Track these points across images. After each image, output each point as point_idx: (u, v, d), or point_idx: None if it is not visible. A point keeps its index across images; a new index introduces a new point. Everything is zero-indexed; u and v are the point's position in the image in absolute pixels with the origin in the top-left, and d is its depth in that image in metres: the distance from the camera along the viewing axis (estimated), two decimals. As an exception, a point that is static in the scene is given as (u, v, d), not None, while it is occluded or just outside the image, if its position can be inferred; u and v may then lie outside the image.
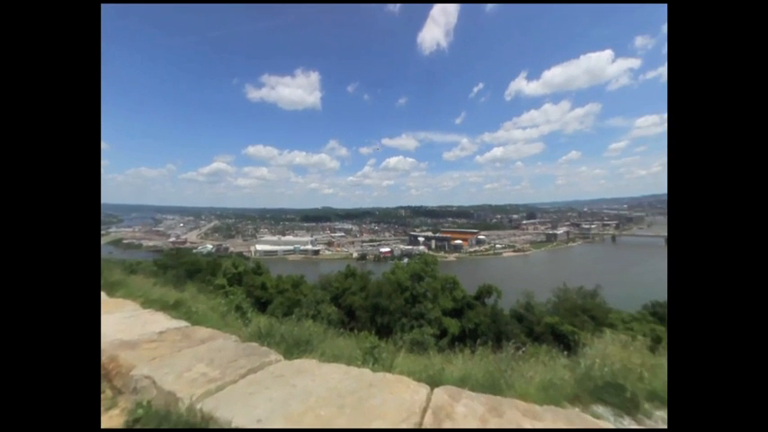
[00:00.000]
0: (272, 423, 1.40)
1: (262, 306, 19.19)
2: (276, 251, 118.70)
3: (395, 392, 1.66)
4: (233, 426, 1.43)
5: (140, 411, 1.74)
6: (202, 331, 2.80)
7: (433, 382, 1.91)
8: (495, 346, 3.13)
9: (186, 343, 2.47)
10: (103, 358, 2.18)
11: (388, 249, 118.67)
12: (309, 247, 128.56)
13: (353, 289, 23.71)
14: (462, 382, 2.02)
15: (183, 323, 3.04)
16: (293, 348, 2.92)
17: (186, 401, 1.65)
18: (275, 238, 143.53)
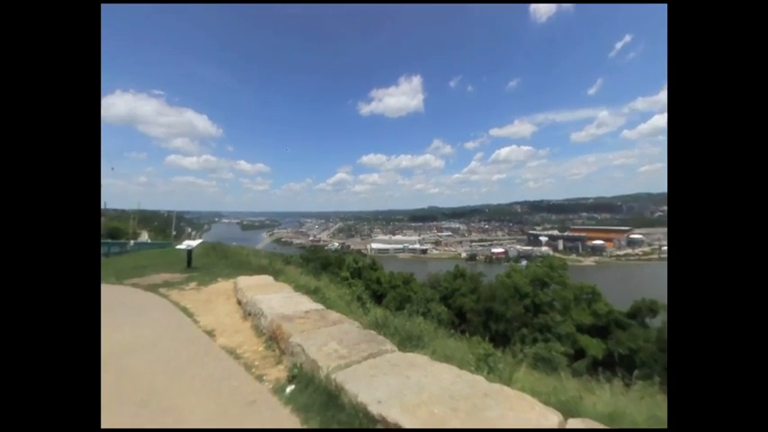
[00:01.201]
0: (390, 408, 1.52)
1: (377, 299, 21.26)
2: (388, 249, 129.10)
3: (515, 410, 1.48)
4: (359, 400, 1.64)
5: (295, 371, 2.26)
6: (333, 315, 3.36)
7: (567, 410, 1.59)
8: (664, 384, 2.30)
9: (323, 323, 3.02)
10: (273, 326, 2.96)
11: (501, 250, 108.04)
12: (417, 246, 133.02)
13: (463, 290, 22.86)
14: (611, 420, 1.59)
15: (320, 306, 3.74)
16: (406, 342, 3.09)
17: (324, 370, 2.02)
18: (387, 237, 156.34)
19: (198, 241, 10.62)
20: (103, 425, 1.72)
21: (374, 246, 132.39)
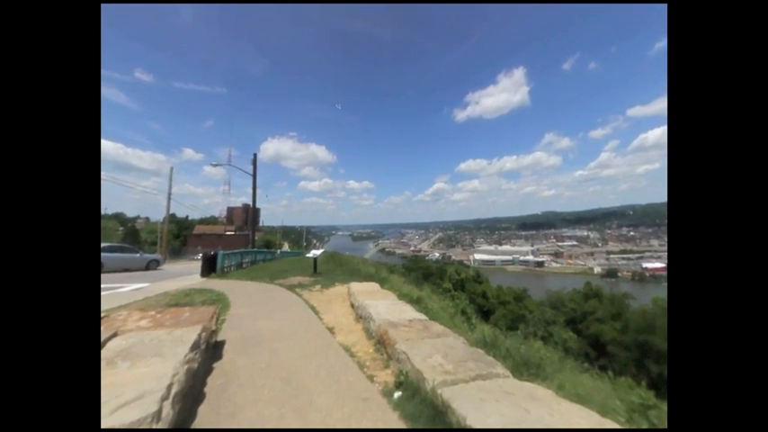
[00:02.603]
0: (506, 441, 1.33)
1: (484, 314, 19.54)
2: (494, 261, 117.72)
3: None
4: (468, 424, 1.52)
5: (402, 377, 2.32)
6: (437, 327, 3.29)
7: None
8: None
9: (426, 333, 3.01)
10: (380, 331, 3.16)
11: (659, 265, 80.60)
12: (531, 257, 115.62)
13: (600, 314, 18.18)
14: None
15: (423, 316, 3.75)
16: (521, 368, 2.68)
17: (430, 383, 1.99)
18: (492, 247, 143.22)
19: (321, 251, 12.72)
20: (261, 393, 2.24)
21: (478, 257, 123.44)
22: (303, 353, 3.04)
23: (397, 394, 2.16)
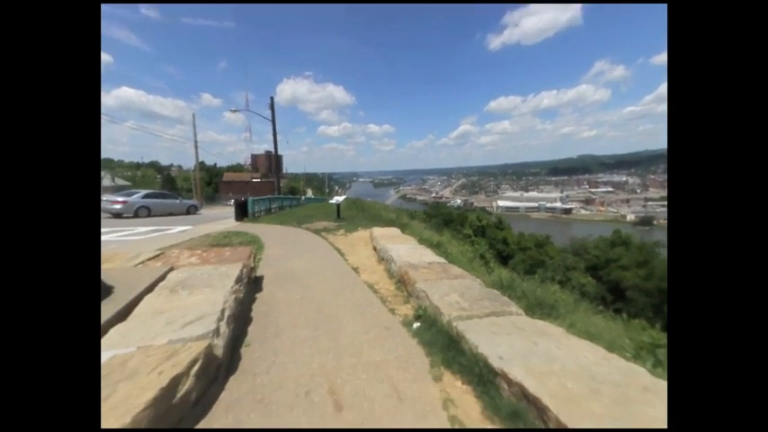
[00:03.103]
0: (512, 366, 1.50)
1: (503, 259, 19.98)
2: (518, 208, 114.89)
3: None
4: (479, 350, 1.70)
5: (420, 311, 2.56)
6: (455, 269, 3.45)
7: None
8: None
9: (444, 275, 3.18)
10: (401, 271, 3.38)
11: (703, 213, 74.42)
12: (558, 204, 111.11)
13: (624, 262, 17.92)
14: None
15: (442, 259, 3.92)
16: (535, 308, 2.83)
17: (446, 317, 2.18)
18: (517, 194, 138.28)
19: (343, 197, 13.05)
20: (298, 319, 2.60)
21: (501, 203, 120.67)
22: (331, 288, 3.39)
23: (415, 325, 2.41)
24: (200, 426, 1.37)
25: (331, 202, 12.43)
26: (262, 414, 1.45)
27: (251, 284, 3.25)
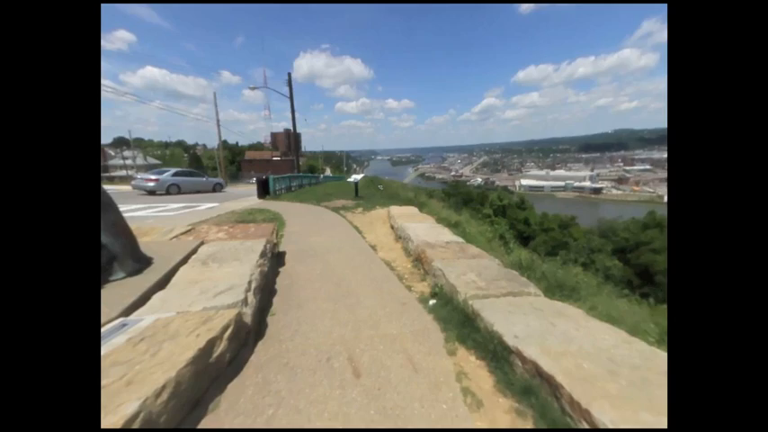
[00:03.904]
0: (528, 345, 1.51)
1: (523, 240, 19.50)
2: (542, 187, 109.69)
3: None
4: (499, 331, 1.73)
5: (437, 289, 2.60)
6: (473, 249, 3.43)
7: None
8: None
9: (462, 254, 3.17)
10: (418, 250, 3.41)
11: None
12: (587, 183, 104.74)
13: (656, 245, 16.93)
14: None
15: (460, 239, 3.89)
16: (554, 289, 2.78)
17: (462, 296, 2.20)
18: (542, 172, 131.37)
19: (361, 175, 13.04)
20: (318, 293, 2.73)
21: (524, 182, 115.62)
22: (350, 264, 3.50)
23: (431, 302, 2.47)
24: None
25: (349, 180, 12.49)
26: (287, 376, 1.58)
27: (274, 259, 3.42)
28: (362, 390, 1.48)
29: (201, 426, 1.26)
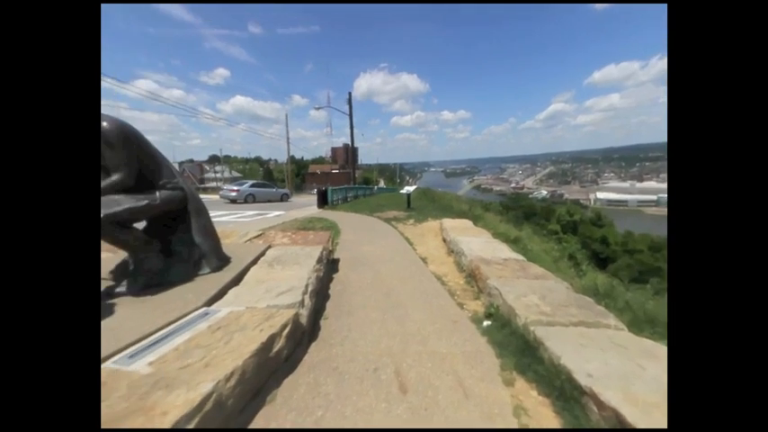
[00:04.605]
0: (606, 389, 1.27)
1: (600, 262, 16.82)
2: (626, 201, 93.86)
3: None
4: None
5: (492, 309, 2.41)
6: (535, 268, 3.09)
7: None
8: None
9: (522, 273, 2.89)
10: (472, 266, 3.22)
11: None
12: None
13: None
14: None
15: (520, 257, 3.56)
16: (643, 324, 2.31)
17: (522, 320, 1.99)
18: (625, 184, 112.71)
19: (413, 187, 13.10)
20: (368, 301, 2.78)
21: (601, 195, 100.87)
22: (400, 276, 3.49)
23: (486, 323, 2.28)
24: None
25: (402, 192, 12.64)
26: (336, 380, 1.63)
27: (329, 265, 3.63)
28: (408, 407, 1.43)
29: (259, 415, 1.37)
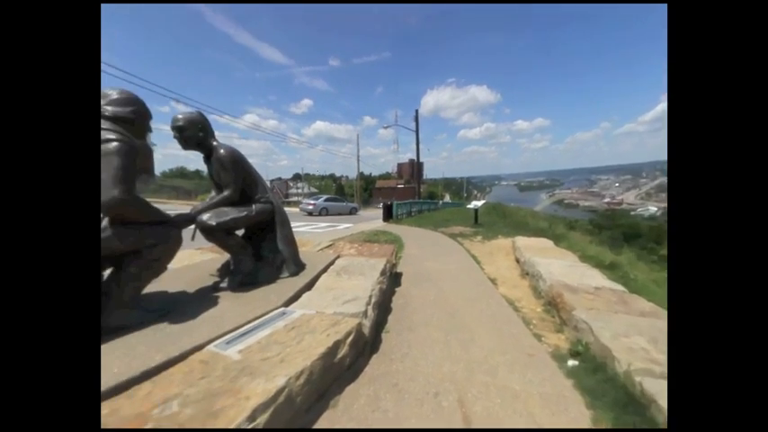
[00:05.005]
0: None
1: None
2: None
3: None
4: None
5: (580, 348, 2.02)
6: (642, 303, 2.49)
7: None
8: None
9: (623, 308, 2.36)
10: (552, 292, 2.80)
11: None
12: None
13: None
14: None
15: (618, 286, 2.93)
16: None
17: (623, 366, 1.61)
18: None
19: (482, 202, 12.38)
20: (431, 319, 2.68)
21: (746, 214, 76.14)
22: (466, 296, 3.28)
23: (571, 362, 1.93)
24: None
25: (468, 206, 12.06)
26: (396, 397, 1.59)
27: (392, 278, 3.66)
28: (473, 444, 1.29)
29: (323, 417, 1.43)
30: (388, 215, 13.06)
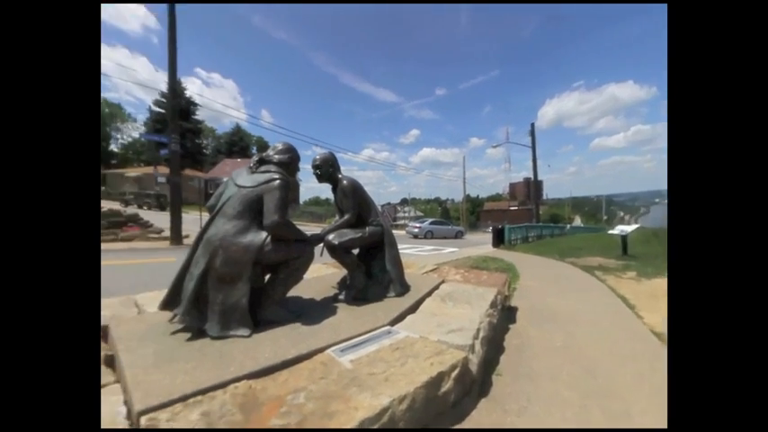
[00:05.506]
0: None
1: None
2: None
3: None
4: None
5: None
6: None
7: None
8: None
9: None
10: None
11: None
12: None
13: None
14: None
15: None
16: None
17: None
18: None
19: (634, 226, 9.43)
20: (559, 373, 2.15)
21: None
22: (612, 350, 2.49)
23: None
24: (456, 429, 1.51)
25: (611, 232, 9.45)
26: (511, 460, 1.33)
27: (504, 312, 3.22)
28: None
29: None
30: (499, 240, 11.82)
